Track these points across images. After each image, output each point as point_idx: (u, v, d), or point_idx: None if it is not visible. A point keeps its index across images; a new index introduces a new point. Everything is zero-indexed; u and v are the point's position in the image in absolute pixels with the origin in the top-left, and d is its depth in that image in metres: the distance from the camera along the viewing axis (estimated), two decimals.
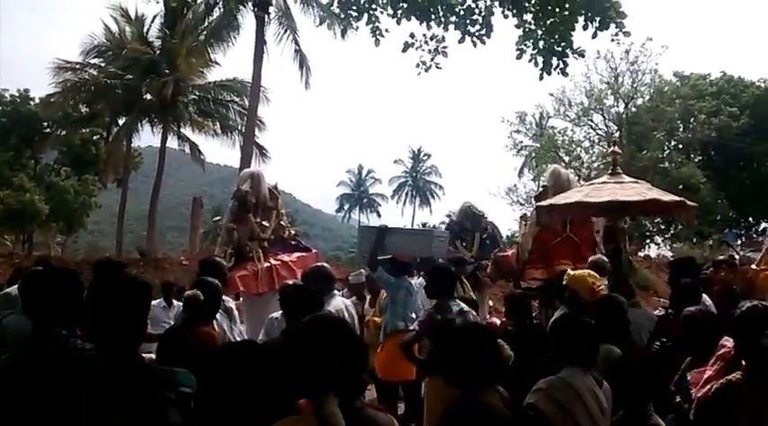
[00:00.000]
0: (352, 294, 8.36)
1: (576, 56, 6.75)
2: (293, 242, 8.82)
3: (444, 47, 7.06)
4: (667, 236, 33.08)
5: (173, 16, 27.43)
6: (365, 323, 7.58)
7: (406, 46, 7.01)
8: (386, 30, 7.02)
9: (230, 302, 5.85)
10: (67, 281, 2.84)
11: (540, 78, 6.84)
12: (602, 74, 32.19)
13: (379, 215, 78.28)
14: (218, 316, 5.06)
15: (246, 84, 27.30)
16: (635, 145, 31.53)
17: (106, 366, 2.50)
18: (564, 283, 5.42)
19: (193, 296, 4.56)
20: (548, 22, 6.61)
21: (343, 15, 7.05)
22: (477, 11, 6.77)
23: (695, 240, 29.45)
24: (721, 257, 8.28)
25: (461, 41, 6.82)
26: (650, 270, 18.53)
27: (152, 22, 29.15)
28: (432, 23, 6.82)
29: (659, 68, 32.58)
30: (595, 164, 32.17)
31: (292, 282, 5.78)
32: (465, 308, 5.35)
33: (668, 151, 32.93)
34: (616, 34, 6.46)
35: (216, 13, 26.29)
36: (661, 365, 3.86)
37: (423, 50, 7.06)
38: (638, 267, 17.51)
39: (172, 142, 30.54)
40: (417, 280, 7.57)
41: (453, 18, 6.77)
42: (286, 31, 25.75)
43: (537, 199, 8.65)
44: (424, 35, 6.99)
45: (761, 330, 3.33)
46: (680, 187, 28.70)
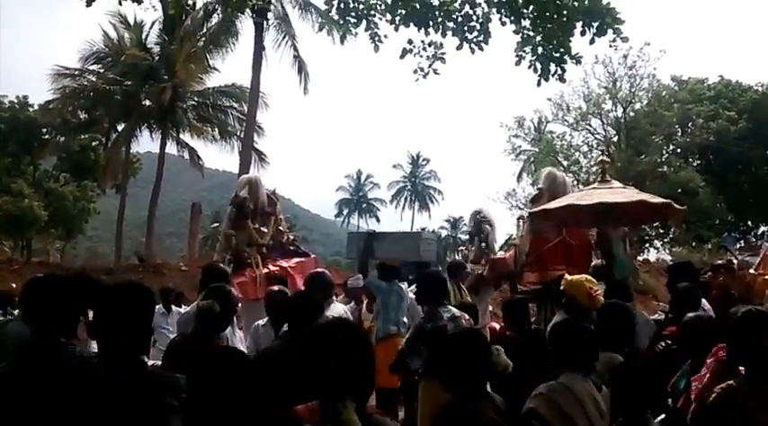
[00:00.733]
0: (349, 299, 8.37)
1: (574, 61, 6.76)
2: (292, 247, 8.84)
3: (442, 53, 7.07)
4: (666, 241, 33.10)
5: (171, 22, 27.42)
6: (366, 329, 7.59)
7: (405, 52, 7.02)
8: (384, 36, 7.03)
9: None
10: (67, 288, 2.80)
11: (538, 84, 6.84)
12: (600, 78, 32.25)
13: (378, 220, 78.46)
14: None
15: (245, 90, 27.35)
16: (633, 149, 31.56)
17: (108, 371, 2.51)
18: (561, 288, 5.43)
19: (209, 306, 4.28)
20: (546, 29, 6.61)
21: (341, 21, 7.05)
22: (474, 17, 6.77)
23: (694, 244, 29.45)
24: (719, 262, 8.29)
25: (459, 48, 6.83)
26: (649, 274, 18.53)
27: (151, 29, 29.21)
28: (430, 30, 6.82)
29: (657, 73, 32.66)
30: (594, 169, 32.17)
31: (278, 288, 5.85)
32: (457, 314, 5.31)
33: (667, 155, 32.97)
34: (614, 40, 6.46)
35: (214, 20, 26.35)
36: (662, 370, 3.85)
37: (421, 56, 7.06)
38: (638, 271, 17.56)
39: (171, 148, 30.58)
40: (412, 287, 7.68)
41: (451, 24, 6.78)
42: (285, 37, 25.84)
43: (533, 202, 8.65)
44: (423, 41, 6.99)
45: (758, 334, 3.32)
46: (678, 191, 28.74)
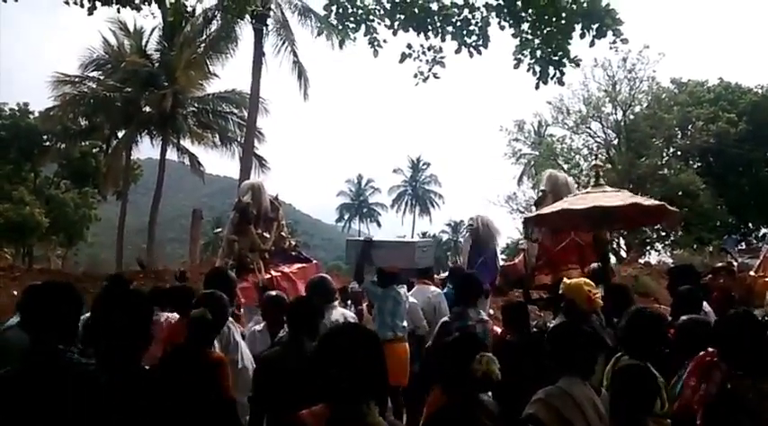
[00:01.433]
0: (346, 304, 8.37)
1: (573, 64, 6.77)
2: (294, 253, 8.86)
3: (441, 57, 7.09)
4: (667, 243, 33.04)
5: (171, 29, 27.49)
6: None
7: (404, 56, 7.03)
8: (383, 40, 7.06)
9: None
10: (65, 296, 2.78)
11: (537, 87, 6.86)
12: (599, 82, 32.28)
13: (379, 224, 78.49)
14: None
15: (245, 96, 27.39)
16: (634, 152, 31.57)
17: (106, 377, 2.51)
18: (560, 292, 5.44)
19: (202, 314, 4.21)
20: (544, 32, 6.63)
21: (340, 27, 7.08)
22: (473, 21, 6.79)
23: (695, 246, 29.40)
24: (720, 264, 8.29)
25: (458, 52, 6.85)
26: (651, 277, 18.48)
27: (150, 35, 29.32)
28: (429, 34, 6.85)
29: (657, 76, 32.65)
30: (592, 173, 32.16)
31: (275, 293, 5.91)
32: (485, 317, 5.46)
33: (667, 158, 32.94)
34: (614, 42, 6.48)
35: (214, 26, 26.42)
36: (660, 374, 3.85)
37: (420, 61, 7.09)
38: (637, 274, 17.55)
39: (171, 154, 30.68)
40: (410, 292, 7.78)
41: (450, 28, 6.80)
42: (284, 43, 25.86)
43: (537, 204, 8.66)
44: (422, 46, 7.02)
45: (744, 335, 3.36)
46: (679, 193, 28.74)
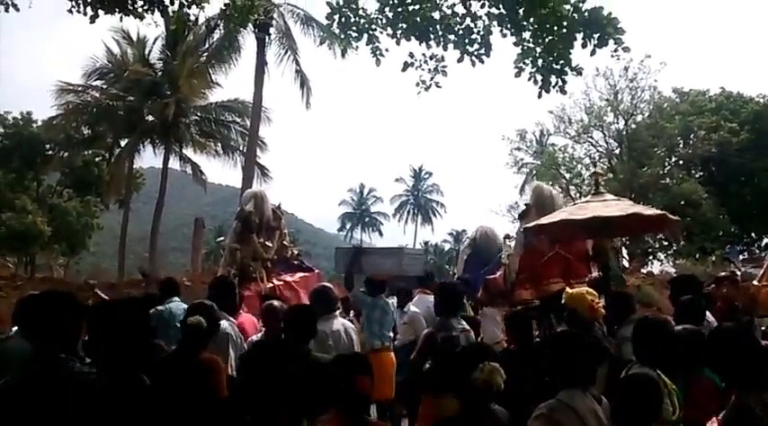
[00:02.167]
0: (348, 313, 8.38)
1: (575, 73, 6.77)
2: (296, 262, 8.85)
3: (444, 66, 7.10)
4: (670, 253, 33.01)
5: (174, 38, 27.59)
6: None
7: (406, 65, 7.05)
8: (386, 49, 7.07)
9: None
10: (65, 304, 2.77)
11: (539, 96, 6.84)
12: (601, 91, 32.41)
13: (381, 234, 78.41)
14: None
15: (248, 105, 27.48)
16: (635, 161, 31.58)
17: (108, 386, 2.50)
18: (563, 302, 5.42)
19: (197, 323, 4.33)
20: (546, 40, 6.63)
21: (343, 36, 7.09)
22: (475, 30, 6.80)
23: (698, 256, 29.37)
24: (723, 273, 8.26)
25: (460, 60, 6.86)
26: (653, 286, 18.46)
27: (153, 44, 29.40)
28: (431, 43, 6.85)
29: (658, 85, 32.83)
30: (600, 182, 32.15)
31: (276, 302, 5.98)
32: (467, 327, 5.44)
33: (669, 167, 32.94)
34: (615, 50, 6.47)
35: (217, 35, 26.55)
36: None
37: (422, 70, 7.09)
38: (640, 284, 17.51)
39: (174, 163, 30.72)
40: (392, 300, 7.84)
41: (452, 37, 6.81)
42: (287, 52, 25.97)
43: (521, 218, 8.55)
44: (424, 54, 7.02)
45: (738, 349, 3.25)
46: (681, 203, 28.72)
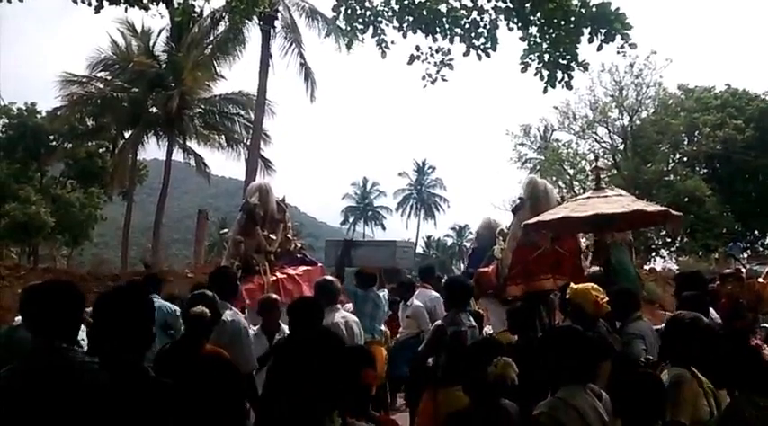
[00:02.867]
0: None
1: (581, 68, 6.73)
2: (299, 255, 8.82)
3: (450, 59, 7.06)
4: (673, 249, 32.97)
5: (179, 30, 27.55)
6: None
7: (412, 58, 7.02)
8: (392, 42, 7.05)
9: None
10: (66, 294, 2.76)
11: (545, 91, 6.81)
12: (606, 87, 32.33)
13: (383, 227, 78.52)
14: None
15: (252, 98, 27.45)
16: (640, 158, 31.51)
17: (111, 378, 2.49)
18: (567, 297, 5.41)
19: (201, 313, 4.37)
20: (553, 35, 6.60)
21: (348, 28, 7.06)
22: (482, 24, 6.77)
23: (701, 253, 29.33)
24: (728, 270, 8.25)
25: (467, 54, 6.82)
26: (656, 283, 18.44)
27: (158, 36, 29.44)
28: (437, 36, 6.82)
29: (663, 81, 32.74)
30: (601, 176, 32.10)
31: (269, 295, 6.31)
32: (473, 324, 5.49)
33: (673, 164, 32.90)
34: (622, 46, 6.42)
35: (221, 27, 26.44)
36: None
37: (428, 63, 7.06)
38: (644, 280, 17.48)
39: (177, 155, 30.74)
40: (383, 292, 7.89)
41: (458, 31, 6.78)
42: (291, 45, 25.93)
43: (514, 212, 8.45)
44: (430, 48, 6.99)
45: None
46: (685, 200, 28.67)
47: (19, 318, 4.79)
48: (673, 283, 8.79)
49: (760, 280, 7.68)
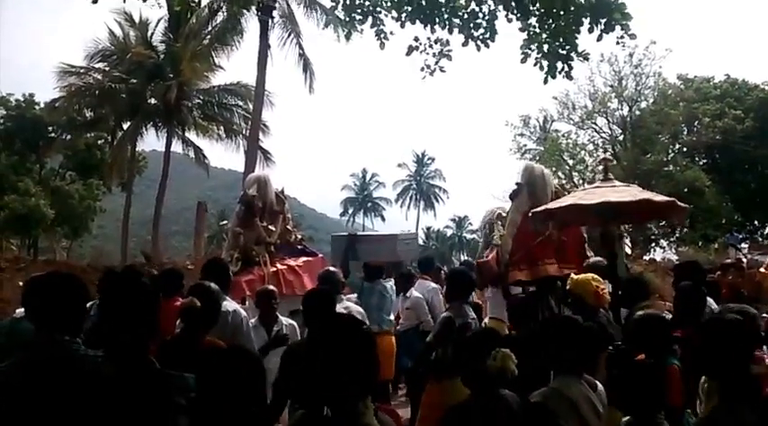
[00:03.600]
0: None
1: (581, 59, 6.71)
2: (299, 246, 8.81)
3: (449, 50, 7.05)
4: (672, 240, 32.97)
5: (177, 20, 27.48)
6: None
7: (411, 49, 7.00)
8: (390, 32, 7.03)
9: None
10: (68, 286, 2.73)
11: (545, 82, 6.80)
12: (605, 77, 32.22)
13: (383, 219, 78.58)
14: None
15: (250, 89, 27.36)
16: (639, 148, 31.45)
17: (117, 371, 2.49)
18: (567, 288, 5.41)
19: (190, 304, 4.20)
20: (552, 26, 6.58)
21: (347, 18, 7.04)
22: (481, 14, 6.75)
23: (700, 243, 29.33)
24: (729, 261, 8.26)
25: (465, 45, 6.81)
26: (655, 273, 18.45)
27: (156, 27, 29.39)
28: (436, 27, 6.80)
29: (663, 71, 32.63)
30: (600, 168, 32.05)
31: (267, 287, 6.28)
32: (473, 315, 5.53)
33: (673, 154, 32.84)
34: (621, 37, 6.41)
35: (220, 18, 26.35)
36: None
37: (427, 54, 7.06)
38: (642, 271, 17.48)
39: (176, 146, 30.70)
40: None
41: (457, 21, 6.76)
42: (290, 35, 25.83)
43: (512, 197, 8.37)
44: (429, 38, 6.98)
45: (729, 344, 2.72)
46: (685, 190, 28.62)
47: (20, 310, 4.78)
48: (672, 273, 8.76)
49: (761, 271, 7.70)
